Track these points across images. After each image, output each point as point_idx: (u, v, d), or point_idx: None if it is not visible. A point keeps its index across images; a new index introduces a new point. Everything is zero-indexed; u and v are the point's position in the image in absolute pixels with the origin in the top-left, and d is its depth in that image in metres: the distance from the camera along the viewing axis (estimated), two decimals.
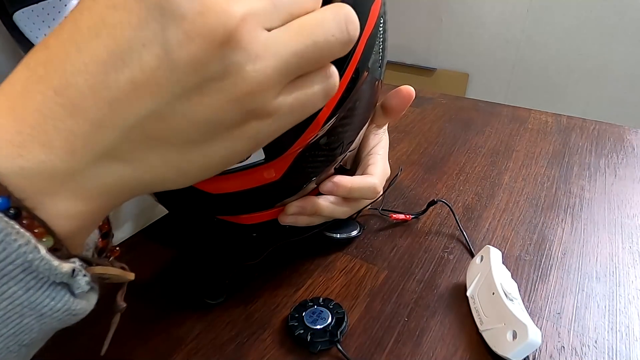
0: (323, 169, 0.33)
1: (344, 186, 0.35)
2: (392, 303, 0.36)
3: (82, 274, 0.18)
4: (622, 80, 1.69)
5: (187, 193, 0.29)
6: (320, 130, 0.28)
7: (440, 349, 0.32)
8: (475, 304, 0.34)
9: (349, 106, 0.29)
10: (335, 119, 0.28)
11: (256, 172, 0.28)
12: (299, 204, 0.33)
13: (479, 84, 2.00)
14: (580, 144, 0.62)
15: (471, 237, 0.43)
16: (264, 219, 0.34)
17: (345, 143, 0.32)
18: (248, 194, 0.30)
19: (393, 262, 0.40)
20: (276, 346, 0.32)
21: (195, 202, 0.31)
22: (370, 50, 0.29)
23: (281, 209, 0.34)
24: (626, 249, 0.42)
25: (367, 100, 0.32)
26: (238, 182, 0.29)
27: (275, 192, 0.31)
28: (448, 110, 0.72)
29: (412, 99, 0.39)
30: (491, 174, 0.54)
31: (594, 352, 0.32)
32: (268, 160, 0.27)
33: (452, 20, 1.96)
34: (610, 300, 0.36)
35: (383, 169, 0.39)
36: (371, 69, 0.30)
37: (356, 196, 0.36)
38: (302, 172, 0.30)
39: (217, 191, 0.30)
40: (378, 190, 0.37)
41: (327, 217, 0.36)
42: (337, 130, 0.29)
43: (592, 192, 0.50)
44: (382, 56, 0.32)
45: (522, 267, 0.39)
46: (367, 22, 0.28)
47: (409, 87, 0.39)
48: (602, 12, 1.64)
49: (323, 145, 0.30)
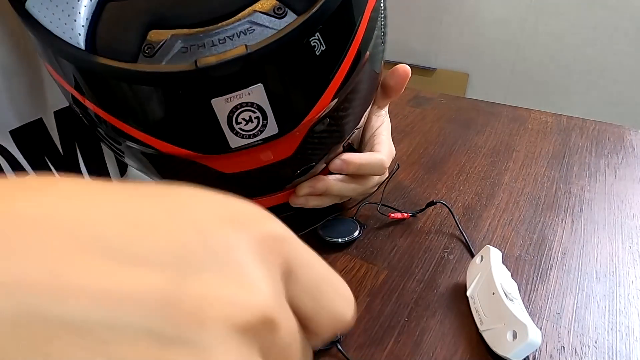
0: (332, 147, 0.33)
1: (354, 162, 0.35)
2: (392, 303, 0.36)
3: None
4: (622, 80, 1.69)
5: (200, 174, 0.29)
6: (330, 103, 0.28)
7: (440, 349, 0.32)
8: (475, 304, 0.34)
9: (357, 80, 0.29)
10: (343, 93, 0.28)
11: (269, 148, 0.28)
12: (309, 184, 0.34)
13: (479, 84, 2.00)
14: (580, 144, 0.62)
15: (471, 237, 0.43)
16: (274, 202, 0.34)
17: (353, 119, 0.33)
18: (260, 173, 0.30)
19: (393, 262, 0.40)
20: None
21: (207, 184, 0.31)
22: (372, 31, 0.29)
23: (291, 192, 0.34)
24: (626, 249, 0.42)
25: (370, 80, 0.32)
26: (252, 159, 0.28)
27: (287, 171, 0.31)
28: (448, 110, 0.72)
29: (409, 77, 0.40)
30: (491, 174, 0.54)
31: (594, 352, 0.32)
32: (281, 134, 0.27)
33: (452, 20, 1.95)
34: (610, 300, 0.36)
35: (389, 148, 0.40)
36: (373, 50, 0.30)
37: (366, 172, 0.37)
38: (313, 148, 0.31)
39: (231, 170, 0.29)
40: (386, 166, 0.38)
41: (337, 196, 0.36)
42: (345, 105, 0.30)
43: (592, 192, 0.50)
44: (383, 35, 0.32)
45: (522, 267, 0.39)
46: (367, 3, 0.28)
47: (405, 65, 0.39)
48: (602, 12, 1.64)
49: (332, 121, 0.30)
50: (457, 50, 1.99)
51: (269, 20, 0.24)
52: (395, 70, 0.40)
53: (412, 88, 0.80)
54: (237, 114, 0.25)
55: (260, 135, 0.26)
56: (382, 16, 0.31)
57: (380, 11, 0.31)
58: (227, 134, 0.25)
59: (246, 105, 0.24)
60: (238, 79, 0.23)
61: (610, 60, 1.69)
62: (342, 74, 0.27)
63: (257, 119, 0.25)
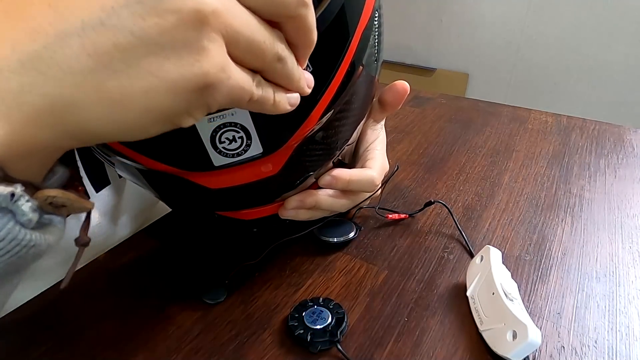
0: (321, 163, 0.33)
1: (343, 179, 0.35)
2: (392, 303, 0.36)
3: (24, 199, 0.17)
4: (622, 80, 1.69)
5: (187, 188, 0.30)
6: (317, 124, 0.28)
7: (440, 349, 0.32)
8: (475, 304, 0.34)
9: (346, 100, 0.29)
10: (332, 113, 0.28)
11: (254, 166, 0.28)
12: (298, 197, 0.34)
13: (479, 84, 2.00)
14: (580, 144, 0.62)
15: (471, 237, 0.43)
16: (264, 214, 0.34)
17: (343, 137, 0.32)
18: (247, 189, 0.30)
19: (393, 262, 0.40)
20: (276, 346, 0.32)
21: (195, 197, 0.31)
22: (365, 44, 0.29)
23: (281, 204, 0.34)
24: (626, 249, 0.42)
25: (363, 95, 0.32)
26: (236, 176, 0.29)
27: (274, 187, 0.32)
28: (448, 110, 0.72)
29: (407, 93, 0.40)
30: (491, 174, 0.54)
31: (594, 352, 0.32)
32: (266, 154, 0.27)
33: (452, 20, 1.95)
34: (610, 300, 0.36)
35: (382, 163, 0.39)
36: (367, 63, 0.30)
37: (355, 188, 0.36)
38: (300, 166, 0.31)
39: (216, 186, 0.30)
40: (376, 183, 0.37)
41: (327, 210, 0.36)
42: (334, 124, 0.30)
43: (592, 192, 0.50)
44: (377, 50, 0.32)
45: (522, 267, 0.39)
46: (361, 15, 0.28)
47: (404, 82, 0.39)
48: (602, 12, 1.64)
49: (320, 139, 0.30)
50: (457, 50, 1.99)
51: None
52: (394, 86, 0.39)
53: (412, 88, 0.80)
54: (220, 133, 0.25)
55: (244, 155, 0.26)
56: (375, 34, 0.31)
57: (374, 29, 0.30)
58: (210, 153, 0.26)
59: (229, 125, 0.25)
60: None
61: (610, 60, 1.69)
62: (330, 95, 0.27)
63: (241, 139, 0.26)
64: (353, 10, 0.27)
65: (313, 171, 0.33)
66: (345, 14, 0.26)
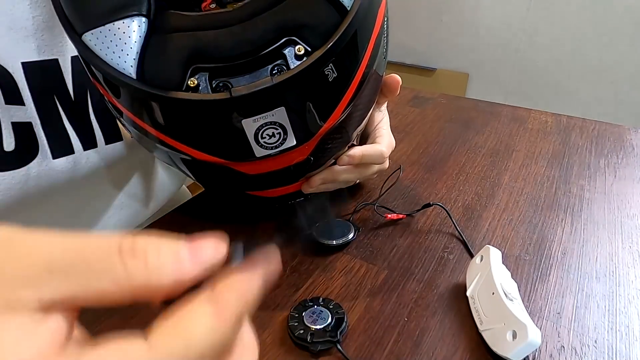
0: (341, 147, 0.39)
1: (357, 155, 0.41)
2: (392, 303, 0.36)
3: None
4: (622, 80, 1.69)
5: (228, 174, 0.34)
6: (340, 117, 0.32)
7: (440, 349, 0.32)
8: (475, 304, 0.34)
9: (360, 96, 0.33)
10: (350, 107, 0.33)
11: (288, 155, 0.32)
12: (320, 176, 0.39)
13: (479, 84, 2.00)
14: (580, 144, 0.62)
15: (471, 237, 0.43)
16: (288, 191, 0.40)
17: (357, 124, 0.38)
18: (279, 173, 0.35)
19: (393, 262, 0.40)
20: (276, 346, 0.32)
21: (233, 181, 0.37)
22: (377, 51, 0.33)
23: (303, 182, 0.39)
24: (626, 249, 0.42)
25: (374, 90, 0.37)
26: (272, 163, 0.33)
27: (302, 170, 0.37)
28: (448, 110, 0.72)
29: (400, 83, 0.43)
30: (491, 174, 0.54)
31: (593, 352, 0.32)
32: (298, 145, 0.32)
33: (452, 20, 1.95)
34: (610, 300, 0.36)
35: (389, 139, 0.46)
36: (377, 66, 0.34)
37: (367, 161, 0.42)
38: (325, 152, 0.36)
39: (254, 172, 0.34)
40: (385, 155, 0.44)
41: (343, 182, 0.42)
42: (351, 115, 0.34)
43: (592, 192, 0.50)
44: (386, 52, 0.37)
45: (522, 267, 0.39)
46: (375, 26, 0.31)
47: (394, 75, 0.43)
48: (602, 12, 1.64)
49: (340, 129, 0.34)
50: (457, 50, 1.99)
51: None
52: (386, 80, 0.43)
53: (412, 88, 0.80)
54: (262, 130, 0.30)
55: (280, 147, 0.31)
56: (385, 35, 0.35)
57: (384, 35, 0.34)
58: (253, 147, 0.30)
59: (270, 124, 0.30)
60: (264, 104, 0.28)
61: (610, 60, 1.69)
62: (350, 93, 0.32)
63: (279, 134, 0.30)
64: (368, 23, 0.31)
65: (334, 155, 0.39)
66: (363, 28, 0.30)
